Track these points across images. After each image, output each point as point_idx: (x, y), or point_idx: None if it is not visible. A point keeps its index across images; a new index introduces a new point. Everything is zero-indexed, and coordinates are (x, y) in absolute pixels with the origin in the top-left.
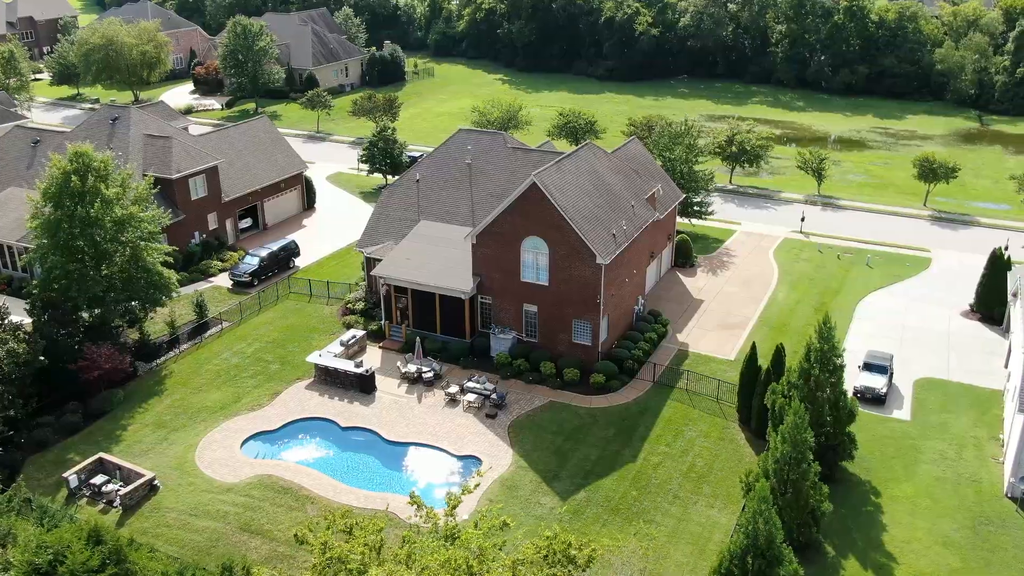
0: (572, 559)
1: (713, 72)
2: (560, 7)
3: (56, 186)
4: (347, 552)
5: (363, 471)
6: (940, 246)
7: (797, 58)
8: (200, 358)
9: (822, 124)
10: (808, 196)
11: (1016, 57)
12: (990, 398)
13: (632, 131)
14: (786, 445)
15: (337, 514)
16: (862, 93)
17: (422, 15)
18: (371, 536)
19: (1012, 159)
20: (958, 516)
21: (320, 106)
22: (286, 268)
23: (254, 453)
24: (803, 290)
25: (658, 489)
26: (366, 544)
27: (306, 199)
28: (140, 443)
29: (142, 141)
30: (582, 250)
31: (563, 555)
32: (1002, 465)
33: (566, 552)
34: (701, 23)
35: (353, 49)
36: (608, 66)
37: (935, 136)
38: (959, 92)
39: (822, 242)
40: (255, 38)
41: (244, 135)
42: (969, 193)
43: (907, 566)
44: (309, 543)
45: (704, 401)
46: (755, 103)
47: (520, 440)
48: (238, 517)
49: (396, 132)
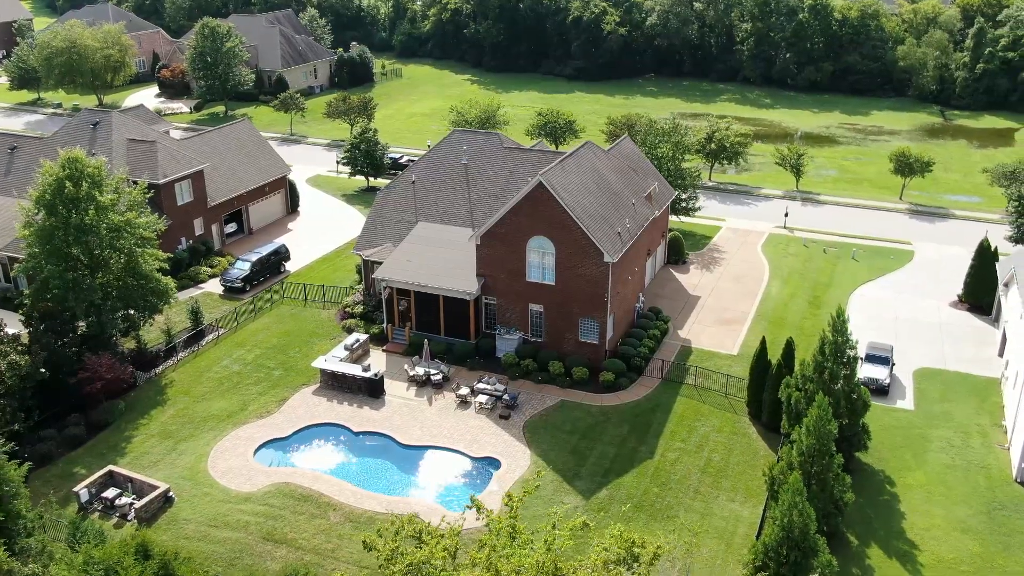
0: (637, 557)
1: (680, 71)
2: (528, 7)
3: (50, 192)
4: (426, 558)
5: (381, 476)
6: (920, 239)
7: (763, 56)
8: (200, 366)
9: (791, 121)
10: (788, 192)
11: (975, 54)
12: (988, 386)
13: (612, 130)
14: (811, 438)
15: (404, 519)
16: (827, 90)
17: (386, 16)
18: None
19: (978, 153)
20: (972, 502)
21: (294, 108)
22: (277, 273)
23: (268, 461)
24: (795, 284)
25: (678, 485)
26: (445, 549)
27: (290, 202)
28: (148, 454)
29: (125, 146)
30: (589, 249)
31: (628, 553)
32: (1008, 451)
33: (630, 550)
34: (668, 22)
35: (321, 50)
36: (576, 65)
37: (901, 131)
38: (921, 88)
39: (806, 237)
40: (223, 40)
41: (226, 138)
42: (940, 186)
43: (929, 553)
44: (378, 549)
45: (713, 396)
46: (723, 101)
47: (536, 440)
48: (259, 527)
49: (378, 134)
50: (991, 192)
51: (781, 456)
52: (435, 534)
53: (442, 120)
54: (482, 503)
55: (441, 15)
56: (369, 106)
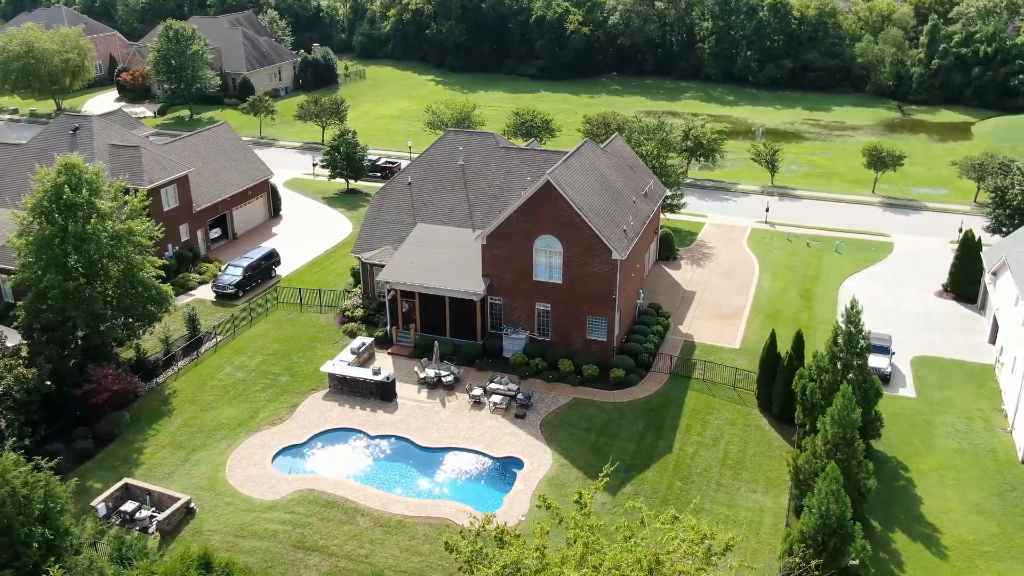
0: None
1: (642, 69)
2: (490, 7)
3: (47, 200)
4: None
5: (405, 479)
6: (897, 231)
7: (724, 54)
8: (201, 374)
9: (756, 117)
10: (764, 187)
11: (930, 50)
12: (982, 372)
13: (588, 128)
14: (835, 426)
15: (484, 520)
16: (788, 87)
17: (344, 17)
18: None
19: (939, 146)
20: (983, 485)
21: (263, 111)
22: (268, 278)
23: (287, 468)
24: (785, 278)
25: (700, 478)
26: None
27: (272, 207)
28: (161, 466)
29: (108, 151)
30: (597, 247)
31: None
32: (1011, 434)
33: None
34: (630, 21)
35: (285, 52)
36: (540, 65)
37: (863, 126)
38: (879, 84)
39: (788, 231)
40: (188, 42)
41: (207, 142)
42: (908, 180)
43: (950, 535)
44: (460, 551)
45: (722, 389)
46: (687, 98)
47: (555, 439)
48: (288, 535)
49: (357, 135)
50: (958, 184)
51: (805, 446)
52: (512, 533)
53: (413, 121)
54: (554, 501)
55: (401, 15)
56: (341, 108)
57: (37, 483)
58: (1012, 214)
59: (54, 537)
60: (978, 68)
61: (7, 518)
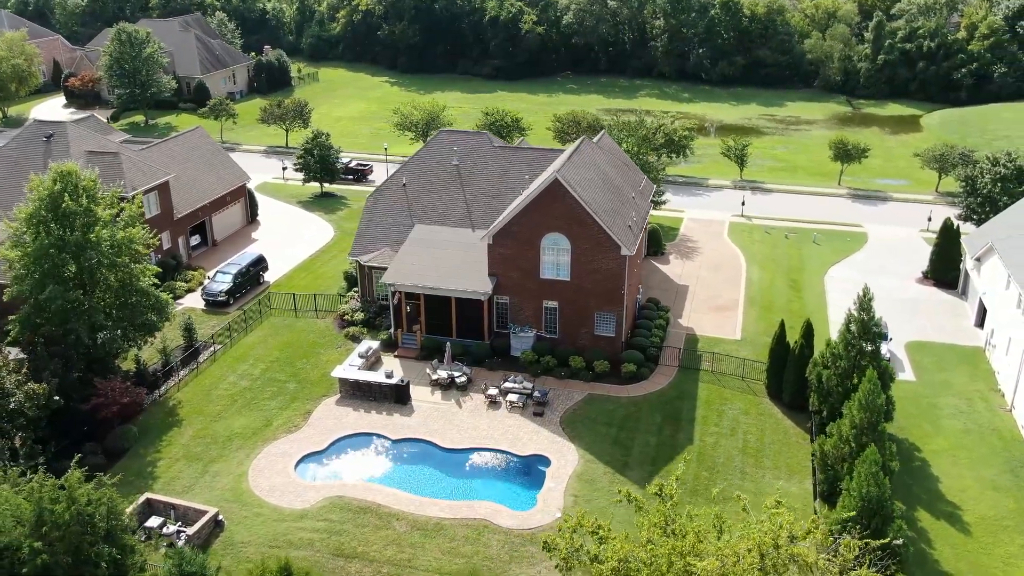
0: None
1: (596, 68)
2: (443, 7)
3: (45, 209)
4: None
5: (433, 481)
6: (868, 221)
7: (677, 52)
8: (204, 384)
9: (713, 114)
10: (735, 182)
11: (876, 46)
12: (974, 355)
13: (559, 127)
14: (862, 411)
15: (578, 515)
16: (740, 83)
17: (291, 19)
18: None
19: (892, 139)
20: (994, 463)
21: (224, 115)
22: (257, 284)
23: (311, 476)
24: (772, 269)
25: (724, 468)
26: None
27: (249, 212)
28: (179, 479)
29: (85, 158)
30: (606, 243)
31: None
32: (1011, 413)
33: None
34: (583, 20)
35: (239, 55)
36: (495, 64)
37: (817, 121)
38: (827, 80)
39: (765, 224)
40: (142, 46)
41: (183, 147)
42: (869, 171)
43: (971, 512)
44: (560, 548)
45: (731, 380)
46: (643, 96)
47: (578, 435)
48: (325, 543)
49: (330, 138)
50: (917, 175)
51: (830, 432)
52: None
53: (373, 123)
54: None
55: (352, 17)
56: (305, 111)
57: (100, 500)
58: (983, 202)
59: (121, 556)
60: (922, 63)
61: (75, 538)
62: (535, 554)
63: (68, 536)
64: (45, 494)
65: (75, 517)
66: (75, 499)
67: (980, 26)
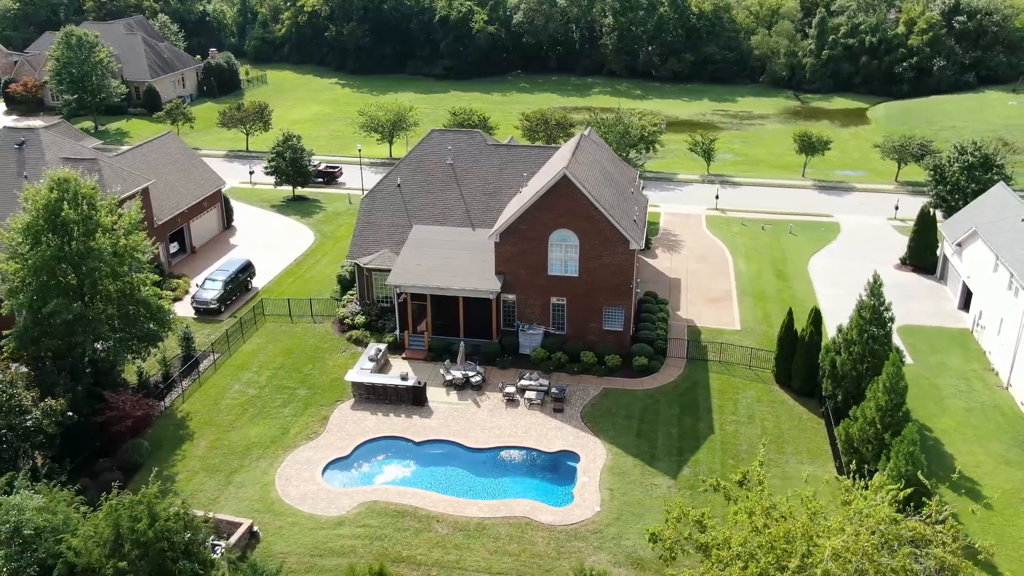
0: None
1: (547, 67)
2: (391, 7)
3: (44, 218)
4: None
5: (465, 481)
6: (837, 211)
7: (626, 49)
8: (210, 394)
9: (667, 110)
10: (704, 176)
11: (820, 41)
12: (962, 336)
13: (528, 126)
14: (887, 394)
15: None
16: (690, 79)
17: (233, 20)
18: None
19: (844, 131)
20: (1002, 438)
21: (181, 119)
22: (245, 291)
23: (341, 482)
24: (757, 260)
25: (748, 455)
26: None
27: (225, 217)
28: (201, 491)
29: (61, 165)
30: (615, 238)
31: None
32: (1008, 390)
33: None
34: (534, 19)
35: (188, 58)
36: (445, 64)
37: (769, 115)
38: (774, 75)
39: (740, 216)
40: (91, 50)
41: (157, 153)
42: (828, 163)
43: (988, 486)
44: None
45: (739, 369)
46: (596, 94)
47: (601, 429)
48: (368, 549)
49: (301, 140)
50: (875, 165)
51: (855, 415)
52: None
53: (331, 124)
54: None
55: (297, 18)
56: (265, 113)
57: (178, 515)
58: (952, 190)
59: (203, 571)
60: (865, 57)
61: (158, 555)
62: (582, 549)
63: (151, 554)
64: (124, 512)
65: (159, 533)
66: (156, 515)
67: (918, 21)
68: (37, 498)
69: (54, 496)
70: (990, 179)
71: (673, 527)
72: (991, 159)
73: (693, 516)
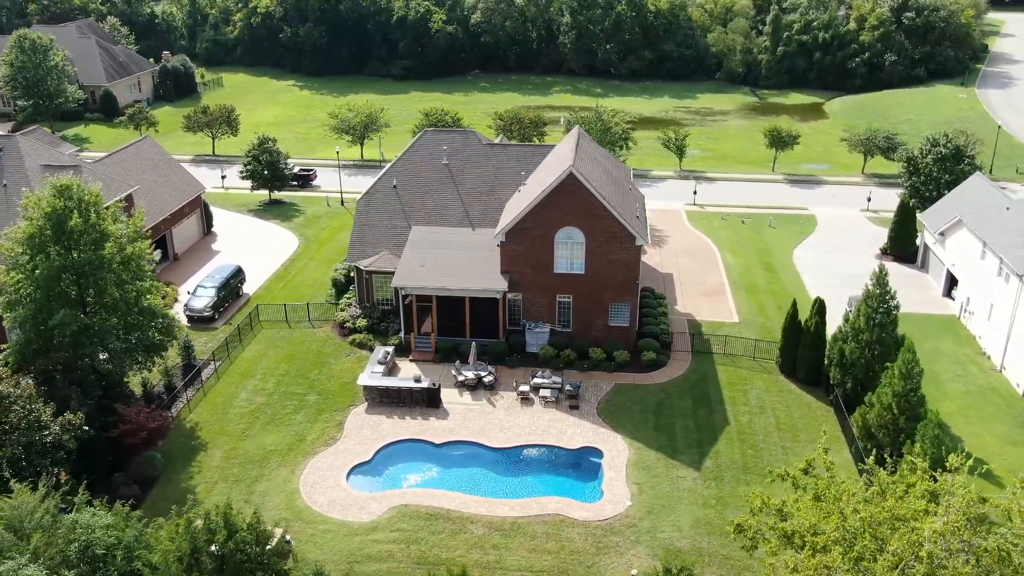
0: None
1: (505, 66)
2: (348, 8)
3: (50, 228)
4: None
5: (492, 481)
6: (811, 204)
7: (585, 48)
8: (216, 403)
9: (629, 108)
10: (679, 172)
11: (774, 38)
12: (951, 322)
13: (501, 125)
14: (903, 380)
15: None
16: (648, 77)
17: (183, 23)
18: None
19: (804, 126)
20: (1003, 419)
21: (145, 124)
22: (236, 297)
23: (367, 487)
24: (744, 253)
25: (765, 444)
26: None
27: (205, 223)
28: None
29: (42, 173)
30: (622, 234)
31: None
32: (1002, 373)
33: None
34: (492, 19)
35: (143, 62)
36: (404, 65)
37: (730, 111)
38: (730, 72)
39: (719, 211)
40: (45, 54)
41: (135, 158)
42: (793, 158)
43: (997, 465)
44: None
45: (744, 361)
46: (557, 92)
47: (619, 424)
48: (405, 553)
49: (277, 143)
50: (839, 159)
51: (872, 401)
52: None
53: (294, 127)
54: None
55: (250, 19)
56: (232, 117)
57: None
58: (926, 180)
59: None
60: (819, 53)
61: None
62: (619, 544)
63: (230, 567)
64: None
65: (238, 546)
66: (234, 526)
67: (869, 18)
68: (105, 515)
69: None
70: (962, 170)
71: (755, 517)
72: (963, 150)
73: (774, 505)
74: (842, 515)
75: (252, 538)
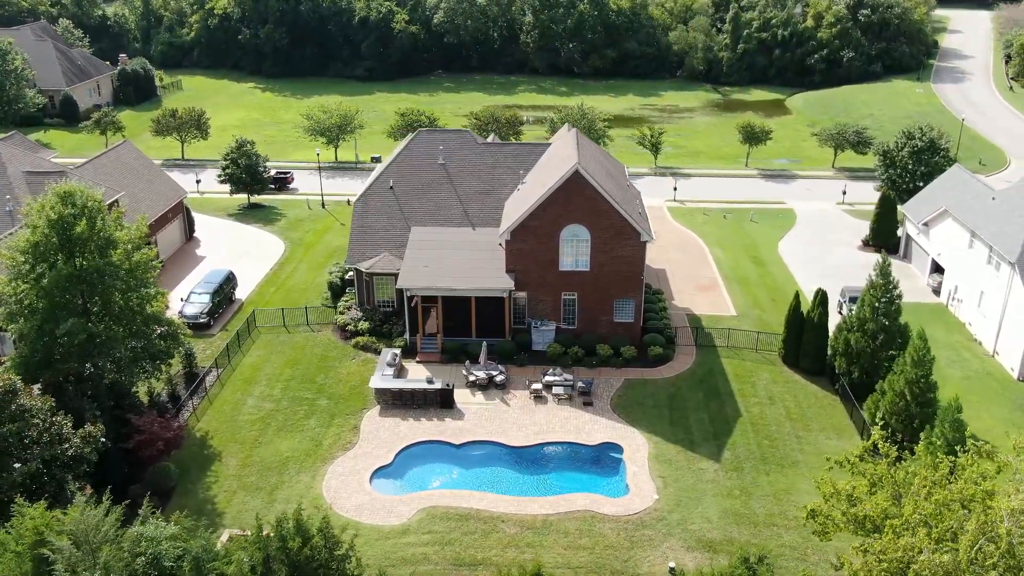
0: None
1: (468, 66)
2: (308, 9)
3: (56, 236)
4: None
5: (517, 480)
6: (788, 198)
7: (548, 47)
8: (223, 411)
9: (597, 106)
10: (655, 168)
11: (734, 36)
12: (939, 311)
13: (476, 124)
14: (915, 367)
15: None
16: (611, 76)
17: (136, 24)
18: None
19: (771, 121)
20: (1002, 402)
21: (111, 128)
22: (230, 303)
23: (392, 490)
24: (731, 248)
25: (779, 434)
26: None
27: (187, 228)
28: (246, 511)
29: (25, 180)
30: (626, 231)
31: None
32: (995, 358)
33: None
34: (454, 19)
35: (102, 65)
36: (367, 66)
37: (696, 108)
38: (691, 69)
39: (700, 207)
40: (3, 58)
41: (116, 163)
42: (764, 153)
43: (1002, 447)
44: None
45: (747, 353)
46: (521, 92)
47: (635, 419)
48: (440, 555)
49: (256, 146)
50: (808, 153)
51: (884, 388)
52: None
53: (262, 130)
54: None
55: (207, 21)
56: (202, 121)
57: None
58: (902, 173)
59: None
60: (778, 50)
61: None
62: (652, 537)
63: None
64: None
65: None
66: (308, 534)
67: (826, 15)
68: (169, 526)
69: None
70: (937, 162)
71: (828, 503)
72: (937, 143)
73: (844, 490)
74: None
75: (322, 543)
